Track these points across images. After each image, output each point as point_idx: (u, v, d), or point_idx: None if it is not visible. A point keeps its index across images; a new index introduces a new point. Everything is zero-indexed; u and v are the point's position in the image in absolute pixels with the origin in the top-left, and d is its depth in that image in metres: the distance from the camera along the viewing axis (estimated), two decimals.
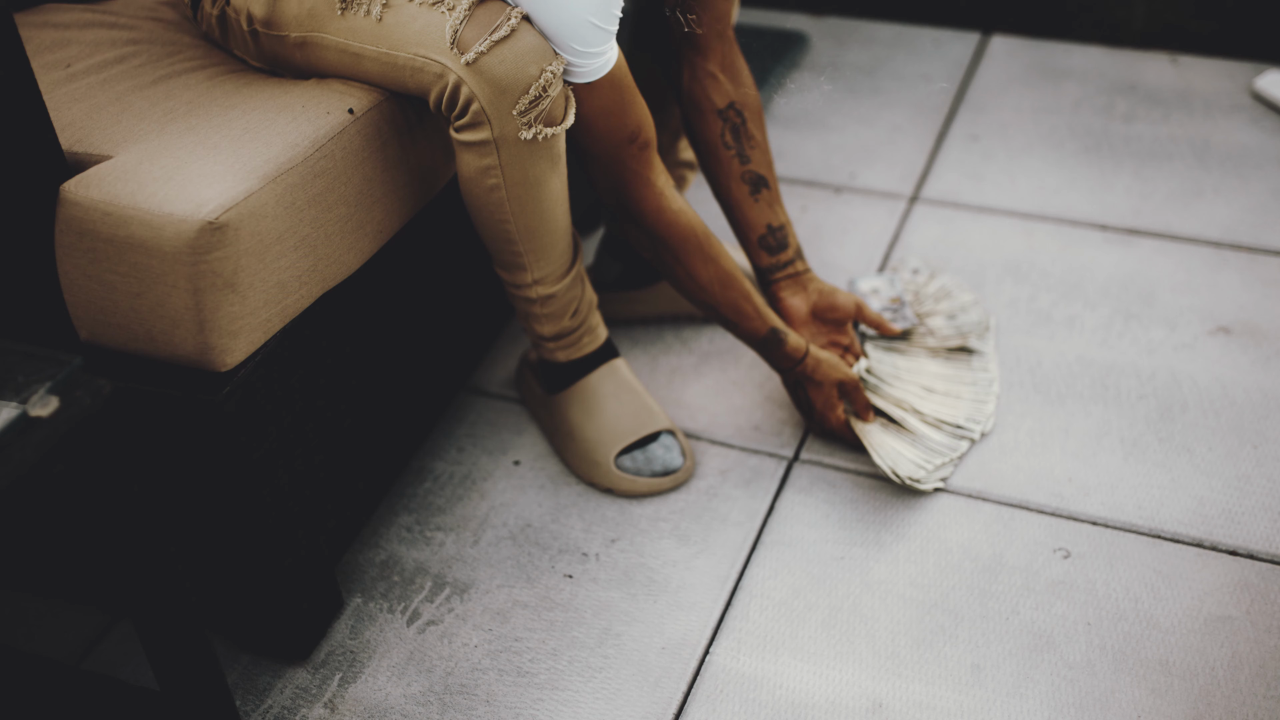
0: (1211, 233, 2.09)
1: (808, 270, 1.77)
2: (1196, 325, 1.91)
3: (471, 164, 1.44)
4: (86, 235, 1.27)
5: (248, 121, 1.38)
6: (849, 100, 2.51)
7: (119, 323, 1.30)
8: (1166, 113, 2.40)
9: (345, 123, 1.41)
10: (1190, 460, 1.70)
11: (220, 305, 1.27)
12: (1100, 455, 1.72)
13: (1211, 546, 1.58)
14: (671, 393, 1.87)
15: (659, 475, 1.70)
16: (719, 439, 1.79)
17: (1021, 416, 1.78)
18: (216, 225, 1.23)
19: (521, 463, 1.78)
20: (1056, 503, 1.65)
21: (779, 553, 1.62)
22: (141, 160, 1.31)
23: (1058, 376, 1.84)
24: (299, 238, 1.34)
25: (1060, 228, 2.13)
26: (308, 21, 1.45)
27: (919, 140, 2.38)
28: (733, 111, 1.70)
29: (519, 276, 1.59)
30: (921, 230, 2.15)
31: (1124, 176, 2.24)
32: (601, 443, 1.70)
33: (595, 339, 1.70)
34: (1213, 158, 2.26)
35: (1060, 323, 1.93)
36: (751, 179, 1.72)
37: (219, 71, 1.53)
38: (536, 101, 1.38)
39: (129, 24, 1.61)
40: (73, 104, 1.44)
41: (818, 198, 2.24)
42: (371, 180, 1.44)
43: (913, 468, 1.66)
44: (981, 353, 1.87)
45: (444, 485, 1.75)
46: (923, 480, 1.65)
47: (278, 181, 1.31)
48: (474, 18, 1.36)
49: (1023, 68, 2.57)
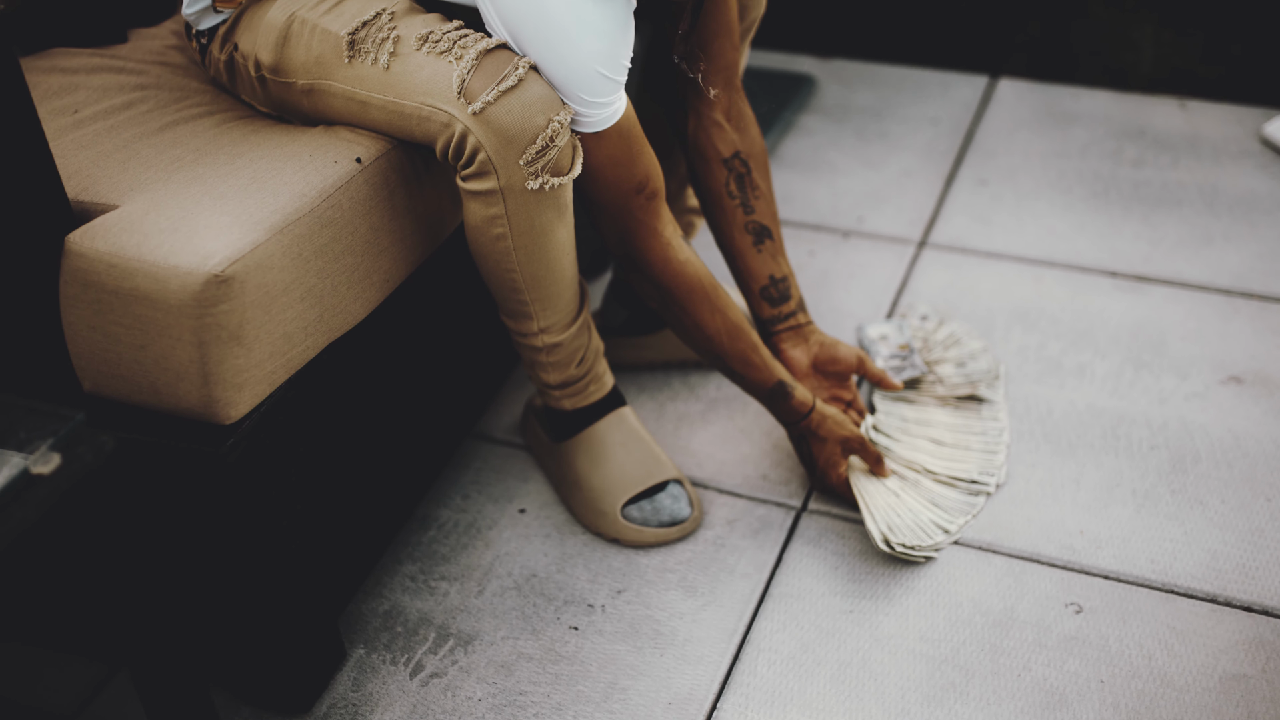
0: (1222, 280, 2.08)
1: (810, 323, 1.75)
2: (1208, 374, 1.89)
3: (478, 213, 1.44)
4: (91, 287, 1.26)
5: (255, 170, 1.38)
6: (856, 143, 2.50)
7: (123, 375, 1.29)
8: (1175, 158, 2.39)
9: (353, 172, 1.40)
10: (1203, 513, 1.68)
11: (225, 358, 1.26)
12: (1112, 507, 1.70)
13: (1226, 602, 1.56)
14: (679, 440, 1.85)
15: (666, 526, 1.68)
16: (726, 488, 1.77)
17: (1032, 467, 1.76)
18: (222, 278, 1.22)
19: (527, 511, 1.76)
20: (1068, 556, 1.63)
21: (787, 605, 1.60)
22: (147, 210, 1.30)
23: (1068, 426, 1.82)
24: (305, 289, 1.33)
25: (1069, 274, 2.12)
26: (315, 69, 1.44)
27: (927, 184, 2.37)
28: (738, 161, 1.69)
29: (525, 325, 1.58)
30: (930, 276, 2.14)
31: (1133, 222, 2.23)
32: (608, 492, 1.68)
33: (602, 387, 1.69)
34: (1222, 204, 2.26)
35: (1070, 371, 1.92)
36: (755, 229, 1.71)
37: (227, 118, 1.52)
38: (543, 151, 1.38)
39: (137, 69, 1.61)
40: (79, 151, 1.43)
41: (825, 242, 2.23)
42: (379, 229, 1.44)
43: (909, 534, 1.63)
44: (991, 401, 1.85)
45: (448, 533, 1.73)
46: (917, 549, 1.62)
47: (284, 233, 1.30)
48: (481, 67, 1.36)
49: (1031, 112, 2.56)
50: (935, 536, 1.64)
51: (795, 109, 2.60)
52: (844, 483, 1.68)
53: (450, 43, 1.38)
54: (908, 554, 1.61)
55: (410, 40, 1.39)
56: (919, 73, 2.72)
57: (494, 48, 1.37)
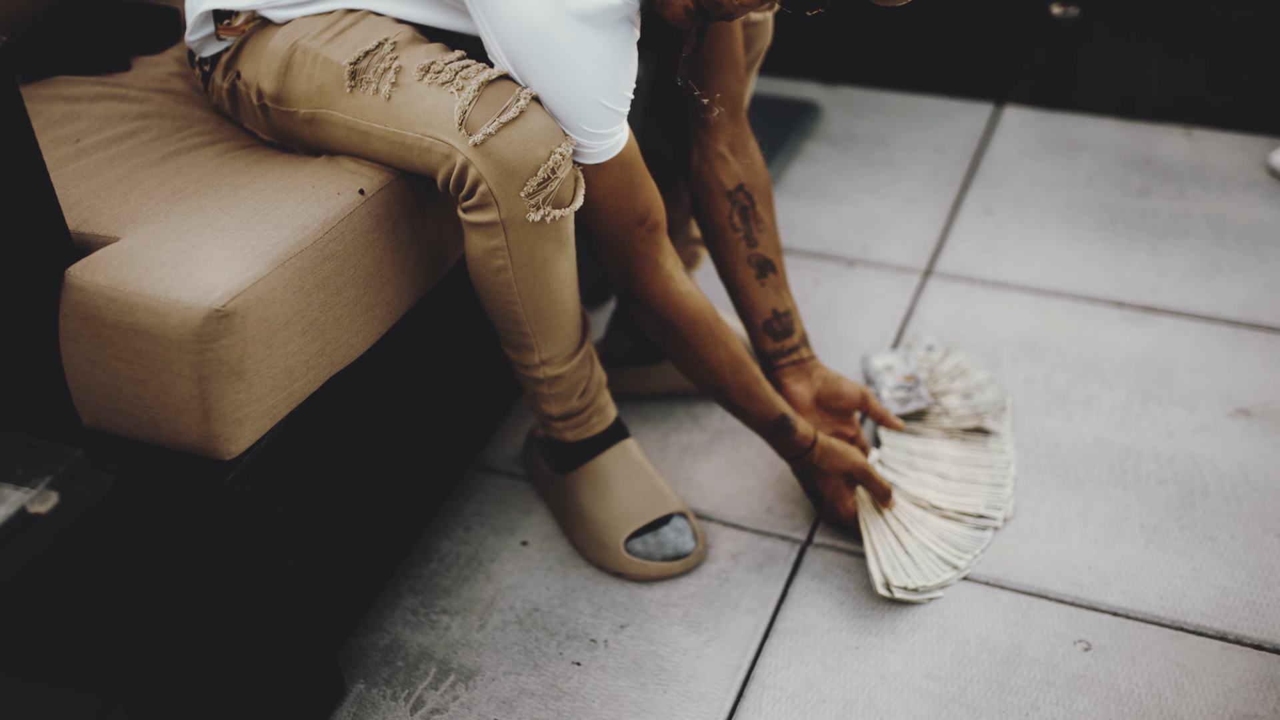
0: (1229, 311, 2.06)
1: (813, 357, 1.74)
2: (1216, 407, 1.88)
3: (479, 244, 1.43)
4: (91, 321, 1.25)
5: (257, 202, 1.37)
6: (861, 171, 2.50)
7: (122, 409, 1.28)
8: (1182, 188, 2.38)
9: (355, 204, 1.39)
10: (1212, 549, 1.66)
11: (226, 393, 1.24)
12: (1120, 542, 1.68)
13: (1236, 640, 1.54)
14: (682, 471, 1.84)
15: (670, 559, 1.66)
16: (731, 520, 1.76)
17: (1039, 500, 1.75)
18: (223, 313, 1.21)
19: (529, 543, 1.74)
20: (1076, 592, 1.62)
21: (792, 641, 1.59)
22: (149, 243, 1.29)
23: (1075, 459, 1.81)
24: (307, 322, 1.32)
25: (1076, 304, 2.10)
26: (317, 98, 1.43)
27: (932, 213, 2.36)
28: (741, 193, 1.68)
29: (526, 357, 1.56)
30: (935, 305, 2.12)
31: (1140, 252, 2.21)
32: (612, 526, 1.66)
33: (604, 419, 1.68)
34: (1229, 234, 2.24)
35: (1077, 403, 1.90)
36: (758, 262, 1.70)
37: (229, 147, 1.51)
38: (545, 183, 1.37)
39: (140, 97, 1.60)
40: (80, 181, 1.42)
41: (830, 271, 2.22)
42: (381, 261, 1.42)
43: (913, 574, 1.61)
44: (998, 434, 1.84)
45: (450, 566, 1.72)
46: (920, 590, 1.60)
47: (286, 266, 1.29)
48: (483, 98, 1.35)
49: (1036, 140, 2.55)
50: (943, 574, 1.62)
51: (800, 136, 2.59)
52: (853, 516, 1.67)
53: (452, 73, 1.37)
54: (907, 597, 1.60)
55: (412, 70, 1.38)
56: (924, 100, 2.71)
57: (496, 78, 1.36)
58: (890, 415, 1.76)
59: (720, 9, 1.34)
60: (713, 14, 1.35)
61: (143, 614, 1.45)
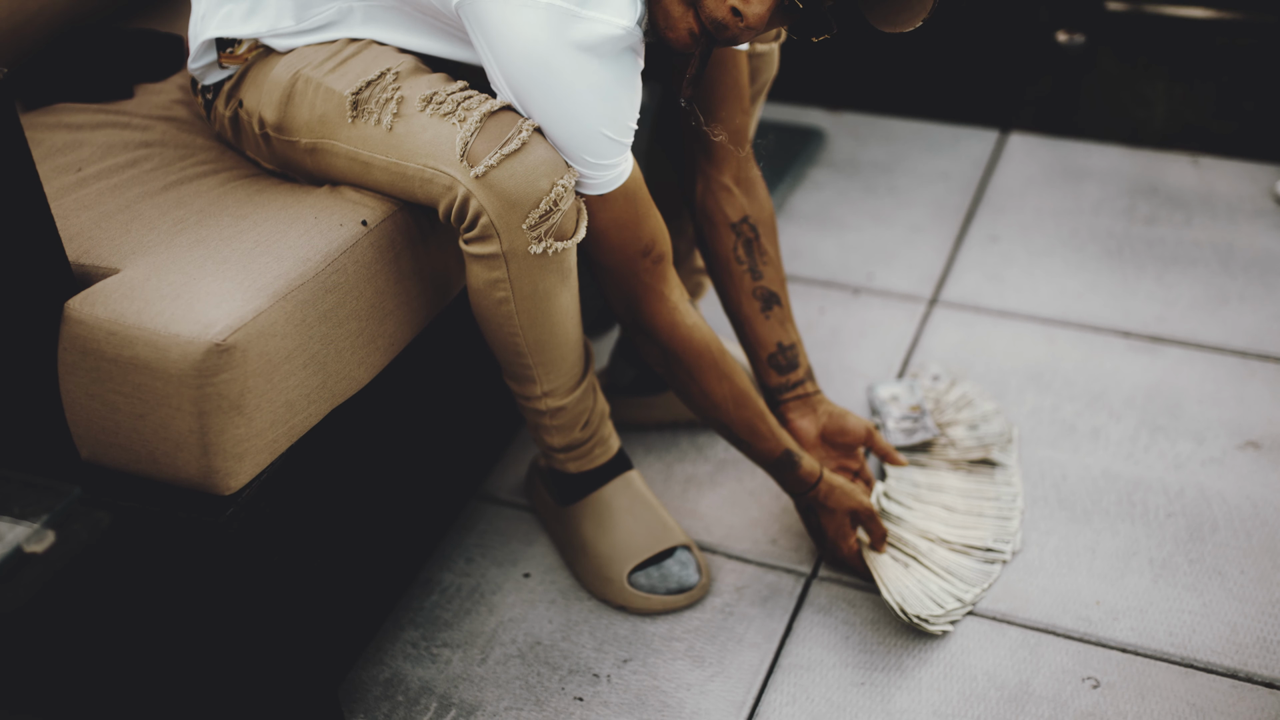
0: (1238, 341, 2.05)
1: (818, 392, 1.72)
2: (1225, 439, 1.86)
3: (480, 275, 1.41)
4: (90, 354, 1.24)
5: (259, 234, 1.36)
6: (866, 198, 2.49)
7: (121, 444, 1.27)
8: (1189, 216, 2.37)
9: (358, 235, 1.38)
10: (1222, 584, 1.64)
11: (225, 428, 1.23)
12: (1129, 577, 1.66)
13: (1247, 678, 1.53)
14: (686, 503, 1.82)
15: (674, 593, 1.65)
16: (735, 553, 1.74)
17: (1047, 534, 1.73)
18: (223, 347, 1.20)
19: (532, 575, 1.73)
20: (1084, 627, 1.60)
21: (797, 677, 1.57)
22: (149, 275, 1.28)
23: (1083, 492, 1.79)
24: (308, 356, 1.31)
25: (1083, 334, 2.09)
26: (318, 128, 1.42)
27: (938, 240, 2.35)
28: (746, 226, 1.67)
29: (528, 389, 1.55)
30: (941, 334, 2.11)
31: (1147, 281, 2.20)
32: (615, 559, 1.65)
33: (607, 450, 1.66)
34: (1237, 263, 2.23)
35: (1085, 434, 1.89)
36: (763, 295, 1.68)
37: (231, 176, 1.51)
38: (547, 216, 1.35)
39: (142, 124, 1.60)
40: (81, 211, 1.41)
41: (836, 299, 2.21)
42: (384, 293, 1.41)
43: (922, 605, 1.60)
44: (1004, 465, 1.82)
45: (451, 598, 1.70)
46: (932, 621, 1.58)
47: (288, 299, 1.28)
48: (485, 129, 1.33)
49: (1042, 167, 2.54)
50: (949, 604, 1.61)
51: (805, 162, 2.58)
52: (855, 554, 1.65)
53: (454, 104, 1.36)
54: (922, 624, 1.58)
55: (414, 101, 1.37)
56: (929, 127, 2.70)
57: (498, 109, 1.35)
58: (895, 452, 1.74)
59: (725, 31, 1.33)
60: (718, 36, 1.34)
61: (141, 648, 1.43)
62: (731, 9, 1.31)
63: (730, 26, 1.32)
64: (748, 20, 1.31)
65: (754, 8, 1.31)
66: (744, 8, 1.30)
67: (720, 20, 1.32)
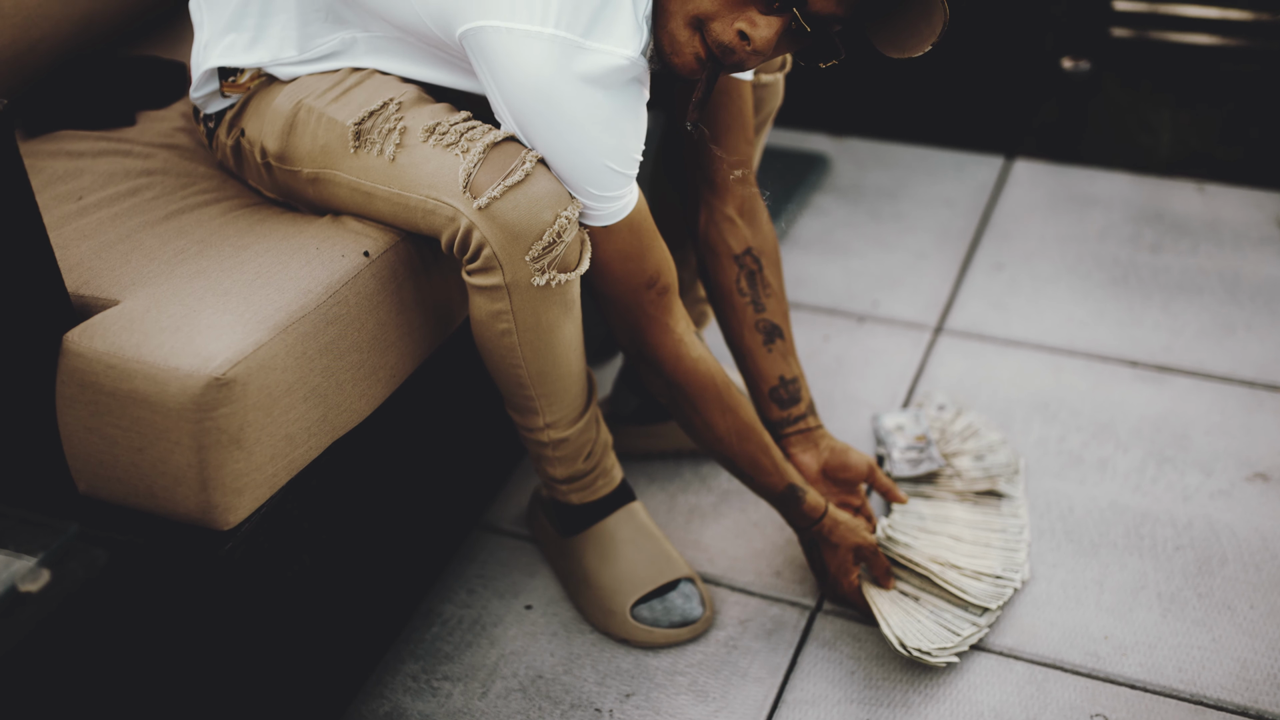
0: (1245, 371, 2.04)
1: (820, 426, 1.70)
2: (1233, 471, 1.85)
3: (483, 307, 1.40)
4: (88, 388, 1.23)
5: (260, 265, 1.35)
6: (871, 224, 2.48)
7: (119, 477, 1.25)
8: (1195, 244, 2.36)
9: (360, 266, 1.37)
10: (1232, 619, 1.63)
11: (225, 463, 1.22)
12: (1137, 611, 1.65)
13: (1258, 716, 1.51)
14: (689, 534, 1.81)
15: (677, 626, 1.63)
16: (739, 585, 1.72)
17: (1054, 567, 1.71)
18: (223, 381, 1.19)
19: (534, 607, 1.71)
20: (1092, 663, 1.58)
21: (801, 712, 1.55)
22: (149, 307, 1.27)
23: (1090, 524, 1.78)
24: (309, 388, 1.29)
25: (1089, 363, 2.08)
26: (320, 158, 1.42)
27: (943, 267, 2.34)
28: (749, 257, 1.66)
29: (531, 420, 1.54)
30: (947, 363, 2.10)
31: (1153, 310, 2.19)
32: (618, 591, 1.63)
33: (610, 481, 1.65)
34: (1244, 292, 2.22)
35: (1092, 465, 1.87)
36: (765, 328, 1.67)
37: (233, 206, 1.50)
38: (550, 247, 1.34)
39: (144, 152, 1.59)
40: (82, 241, 1.40)
41: (840, 327, 2.20)
42: (386, 324, 1.40)
43: (923, 639, 1.58)
44: (1011, 497, 1.81)
45: (453, 630, 1.68)
46: (934, 654, 1.56)
47: (289, 331, 1.27)
48: (488, 161, 1.32)
49: (1047, 194, 2.53)
50: (963, 630, 1.58)
51: (809, 188, 2.57)
52: (856, 591, 1.63)
53: (457, 135, 1.35)
54: (924, 658, 1.56)
55: (417, 131, 1.36)
56: (934, 153, 2.70)
57: (501, 140, 1.34)
58: (896, 489, 1.72)
59: (732, 56, 1.32)
60: (724, 61, 1.33)
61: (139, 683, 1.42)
62: (739, 33, 1.30)
63: (737, 51, 1.31)
64: (755, 44, 1.30)
65: (761, 32, 1.29)
66: (752, 32, 1.29)
67: (727, 44, 1.31)
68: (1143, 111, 2.59)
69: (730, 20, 1.30)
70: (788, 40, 1.33)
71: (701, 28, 1.32)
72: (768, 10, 1.29)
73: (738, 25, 1.30)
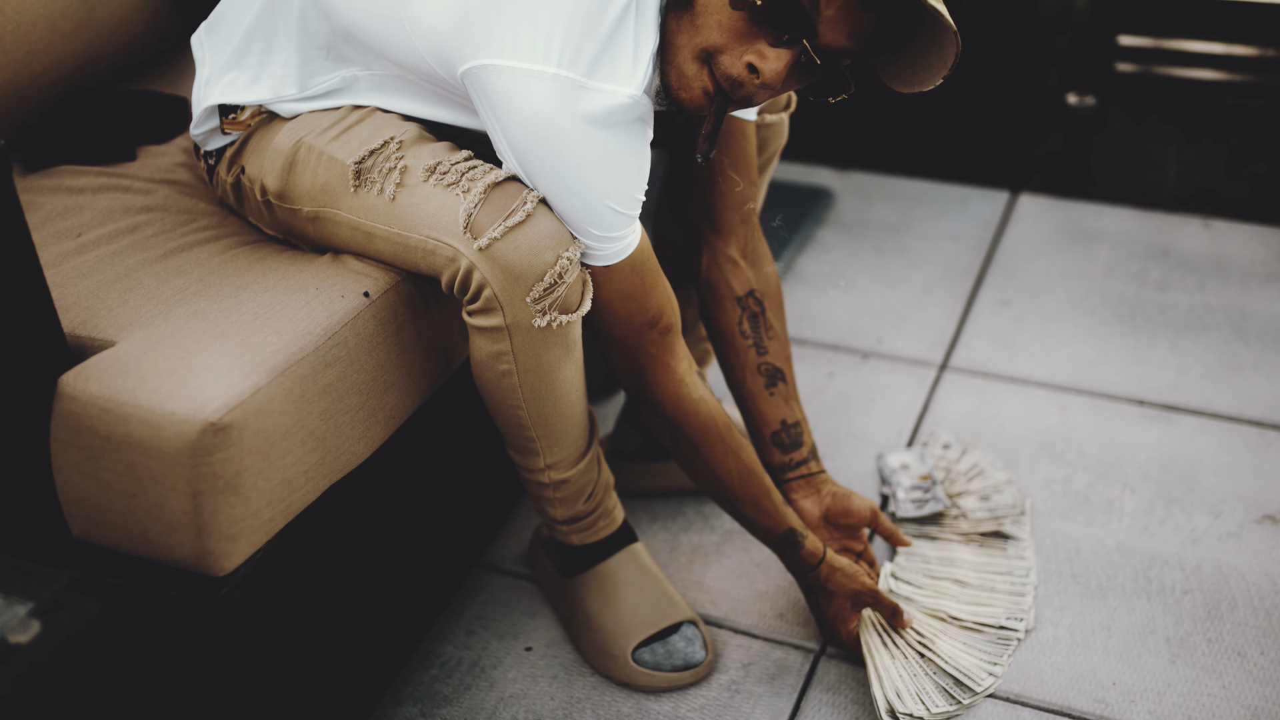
0: (1254, 411, 2.02)
1: (822, 472, 1.68)
2: (1242, 513, 1.83)
3: (483, 348, 1.39)
4: (83, 432, 1.21)
5: (259, 305, 1.33)
6: (875, 260, 2.46)
7: (113, 522, 1.24)
8: (1201, 280, 2.34)
9: (360, 306, 1.36)
10: (1242, 665, 1.60)
11: (220, 509, 1.20)
12: (1145, 656, 1.62)
13: None
14: (692, 574, 1.79)
15: (679, 670, 1.61)
16: (742, 627, 1.70)
17: (1061, 611, 1.69)
18: (219, 426, 1.17)
19: (534, 649, 1.69)
20: (1101, 710, 1.55)
21: None
22: (145, 349, 1.25)
23: (1097, 567, 1.75)
24: (307, 432, 1.28)
25: (1096, 402, 2.06)
26: (320, 197, 1.40)
27: (948, 303, 2.32)
28: (752, 299, 1.64)
29: (531, 461, 1.52)
30: (952, 401, 2.08)
31: (1160, 348, 2.17)
32: (619, 634, 1.61)
33: (611, 522, 1.63)
34: (1251, 330, 2.20)
35: (1099, 506, 1.85)
36: (768, 371, 1.65)
37: (233, 243, 1.48)
38: (551, 289, 1.33)
39: (144, 188, 1.58)
40: (79, 279, 1.39)
41: (844, 363, 2.18)
42: (386, 366, 1.39)
43: (916, 702, 1.54)
44: (1017, 539, 1.78)
45: (451, 672, 1.66)
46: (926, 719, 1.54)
47: (287, 374, 1.25)
48: (489, 201, 1.31)
49: (1053, 229, 2.52)
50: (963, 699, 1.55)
51: (813, 223, 2.56)
52: (854, 639, 1.60)
53: (458, 174, 1.34)
54: None
55: (417, 171, 1.35)
56: (938, 187, 2.69)
57: (502, 180, 1.33)
58: (900, 533, 1.69)
59: (741, 89, 1.30)
60: (733, 95, 1.32)
61: None
62: (748, 65, 1.29)
63: (746, 84, 1.30)
64: (764, 78, 1.29)
65: (771, 65, 1.28)
66: (761, 65, 1.28)
67: (736, 78, 1.30)
68: (1148, 146, 2.58)
69: (739, 53, 1.29)
70: (797, 74, 1.32)
71: (710, 61, 1.31)
72: (777, 43, 1.28)
73: (747, 58, 1.29)
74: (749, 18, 1.27)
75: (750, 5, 1.26)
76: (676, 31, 1.31)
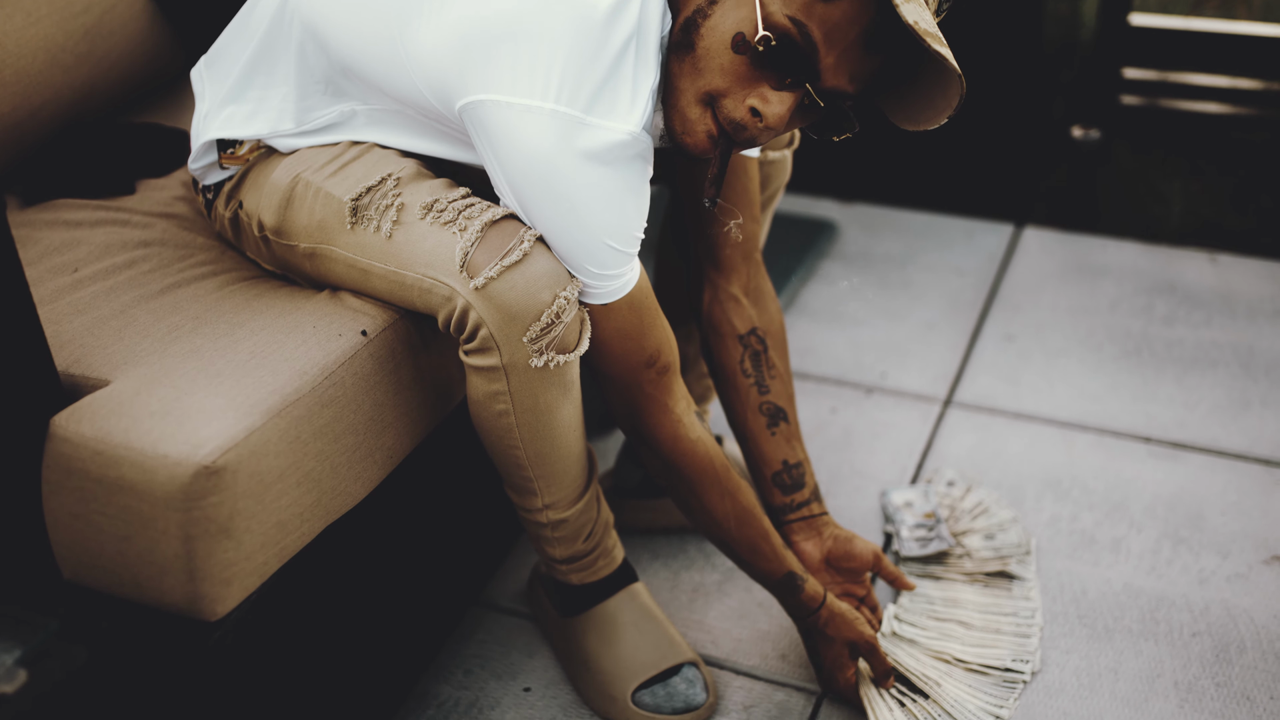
0: (1261, 449, 2.00)
1: (824, 514, 1.65)
2: (1250, 553, 1.80)
3: (480, 387, 1.37)
4: (75, 474, 1.19)
5: (255, 344, 1.32)
6: (879, 293, 2.45)
7: (104, 566, 1.22)
8: (1208, 316, 2.32)
9: (357, 345, 1.34)
10: (1251, 711, 1.58)
11: (213, 553, 1.18)
12: (1153, 701, 1.60)
13: None
14: (693, 613, 1.76)
15: (680, 712, 1.58)
16: (743, 668, 1.68)
17: (1067, 653, 1.67)
18: (212, 469, 1.15)
19: (532, 690, 1.67)
20: None
21: None
22: (139, 390, 1.23)
23: (1104, 608, 1.73)
24: (302, 473, 1.26)
25: (1102, 438, 2.04)
26: (317, 233, 1.39)
27: (952, 338, 2.31)
28: (754, 338, 1.62)
29: (529, 501, 1.50)
30: (956, 437, 2.06)
31: (1166, 384, 2.15)
32: (619, 676, 1.59)
33: (611, 562, 1.61)
34: (1258, 366, 2.18)
35: (1105, 546, 1.83)
36: (770, 411, 1.63)
37: (230, 279, 1.47)
38: (548, 328, 1.31)
39: (142, 222, 1.57)
40: (75, 316, 1.38)
41: (848, 398, 2.16)
42: (383, 405, 1.37)
43: None
44: (1022, 579, 1.76)
45: (449, 713, 1.64)
46: None
47: (282, 415, 1.23)
48: (485, 239, 1.30)
49: (1057, 263, 2.51)
50: None
51: (816, 255, 2.55)
52: (851, 688, 1.58)
53: (455, 213, 1.32)
54: None
55: (414, 208, 1.34)
56: (943, 220, 2.67)
57: (500, 218, 1.31)
58: (904, 577, 1.66)
59: (744, 132, 1.29)
60: (736, 138, 1.30)
61: None
62: (751, 109, 1.27)
63: (749, 127, 1.29)
64: (767, 120, 1.28)
65: (774, 108, 1.27)
66: (764, 108, 1.27)
67: (739, 121, 1.28)
68: (1153, 180, 2.57)
69: (742, 97, 1.28)
70: (800, 115, 1.31)
71: (713, 104, 1.29)
72: (780, 86, 1.27)
73: (750, 102, 1.27)
74: (750, 62, 1.26)
75: (752, 50, 1.25)
76: (679, 74, 1.30)
